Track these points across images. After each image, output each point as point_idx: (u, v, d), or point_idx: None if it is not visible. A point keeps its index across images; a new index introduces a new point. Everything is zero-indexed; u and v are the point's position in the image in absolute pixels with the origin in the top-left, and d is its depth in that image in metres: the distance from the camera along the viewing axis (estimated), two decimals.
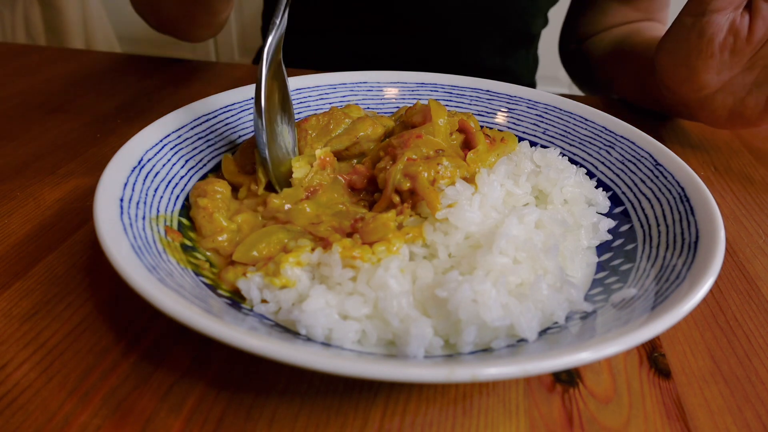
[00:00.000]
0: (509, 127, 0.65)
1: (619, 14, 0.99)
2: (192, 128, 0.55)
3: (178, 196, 0.49)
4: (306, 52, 1.08)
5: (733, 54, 0.60)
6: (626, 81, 0.86)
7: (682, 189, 0.48)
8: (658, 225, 0.47)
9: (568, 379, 0.38)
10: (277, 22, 0.46)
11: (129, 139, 0.48)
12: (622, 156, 0.56)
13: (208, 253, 0.45)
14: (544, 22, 1.13)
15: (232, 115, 0.59)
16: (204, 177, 0.53)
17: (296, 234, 0.44)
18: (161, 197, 0.47)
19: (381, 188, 0.49)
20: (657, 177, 0.51)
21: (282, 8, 0.47)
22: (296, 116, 0.64)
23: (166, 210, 0.46)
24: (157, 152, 0.50)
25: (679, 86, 0.66)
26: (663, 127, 0.79)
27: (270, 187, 0.50)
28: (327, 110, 0.57)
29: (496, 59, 1.07)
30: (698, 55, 0.61)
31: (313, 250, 0.42)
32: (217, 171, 0.55)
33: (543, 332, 0.38)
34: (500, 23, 1.02)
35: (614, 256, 0.47)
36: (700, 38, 0.60)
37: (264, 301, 0.40)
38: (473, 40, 1.03)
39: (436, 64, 0.96)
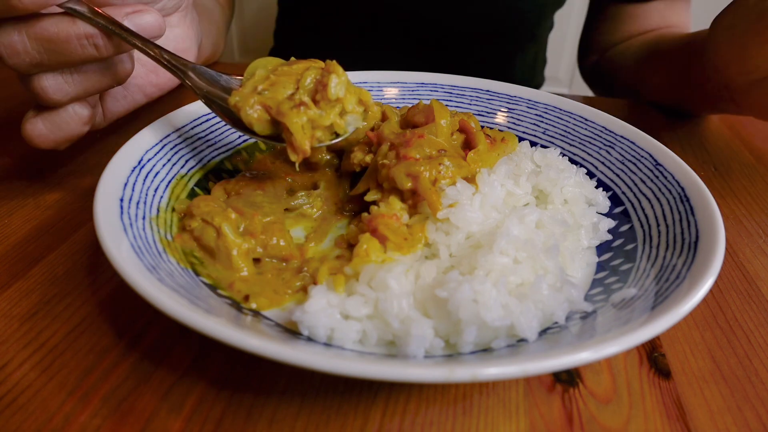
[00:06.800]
0: (509, 127, 0.65)
1: (640, 20, 0.99)
2: (192, 128, 0.55)
3: (178, 197, 0.49)
4: (309, 48, 1.08)
5: None
6: (661, 81, 0.84)
7: (682, 189, 0.48)
8: (658, 225, 0.47)
9: (568, 379, 0.38)
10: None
11: (129, 139, 0.48)
12: (622, 156, 0.56)
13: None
14: (550, 25, 1.13)
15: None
16: (205, 178, 0.53)
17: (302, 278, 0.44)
18: (161, 197, 0.47)
19: (378, 181, 0.49)
20: (657, 177, 0.51)
21: None
22: None
23: (166, 210, 0.46)
24: (157, 152, 0.50)
25: (727, 66, 0.63)
26: (663, 127, 0.79)
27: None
28: None
29: (497, 61, 1.07)
30: (754, 36, 0.58)
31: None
32: (214, 174, 0.55)
33: (543, 332, 0.38)
34: (503, 26, 1.02)
35: (614, 256, 0.47)
36: (760, 21, 0.57)
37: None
38: (474, 40, 1.03)
39: (436, 63, 0.96)
